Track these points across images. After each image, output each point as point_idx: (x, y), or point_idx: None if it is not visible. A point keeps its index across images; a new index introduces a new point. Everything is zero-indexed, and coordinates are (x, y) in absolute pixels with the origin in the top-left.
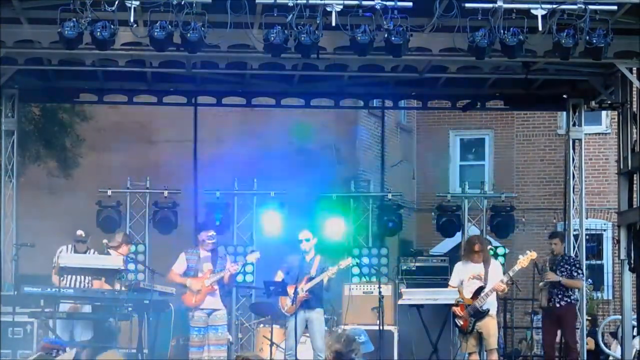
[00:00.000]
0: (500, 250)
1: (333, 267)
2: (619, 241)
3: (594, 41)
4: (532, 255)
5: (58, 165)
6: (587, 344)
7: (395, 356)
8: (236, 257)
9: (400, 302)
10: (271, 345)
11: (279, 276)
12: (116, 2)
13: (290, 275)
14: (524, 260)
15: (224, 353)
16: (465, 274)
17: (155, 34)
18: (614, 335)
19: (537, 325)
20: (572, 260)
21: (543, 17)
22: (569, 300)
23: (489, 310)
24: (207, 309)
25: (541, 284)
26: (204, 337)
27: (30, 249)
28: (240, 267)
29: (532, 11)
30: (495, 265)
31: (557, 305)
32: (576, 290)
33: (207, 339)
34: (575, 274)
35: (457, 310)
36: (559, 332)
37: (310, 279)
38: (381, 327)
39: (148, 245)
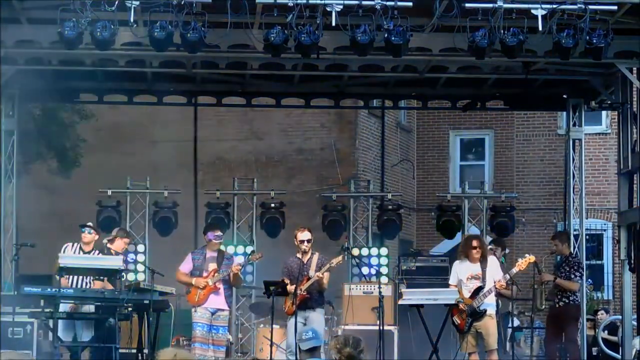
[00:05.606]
0: None
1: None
2: (619, 241)
3: (594, 41)
4: (531, 259)
5: (58, 165)
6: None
7: (395, 356)
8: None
9: (400, 302)
10: (271, 345)
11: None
12: (116, 2)
13: (292, 279)
14: (522, 264)
15: (222, 354)
16: (463, 273)
17: (155, 34)
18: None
19: (536, 325)
20: (571, 261)
21: (543, 17)
22: (567, 301)
23: (486, 311)
24: (211, 308)
25: (535, 285)
26: (207, 333)
27: (30, 249)
28: (241, 267)
29: (532, 11)
30: (493, 262)
31: (556, 305)
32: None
33: (211, 338)
34: (572, 275)
35: (454, 309)
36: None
37: (309, 279)
38: (381, 327)
39: (148, 245)
